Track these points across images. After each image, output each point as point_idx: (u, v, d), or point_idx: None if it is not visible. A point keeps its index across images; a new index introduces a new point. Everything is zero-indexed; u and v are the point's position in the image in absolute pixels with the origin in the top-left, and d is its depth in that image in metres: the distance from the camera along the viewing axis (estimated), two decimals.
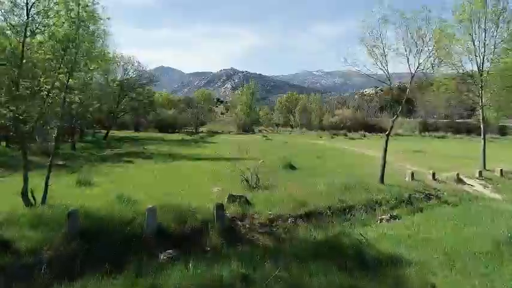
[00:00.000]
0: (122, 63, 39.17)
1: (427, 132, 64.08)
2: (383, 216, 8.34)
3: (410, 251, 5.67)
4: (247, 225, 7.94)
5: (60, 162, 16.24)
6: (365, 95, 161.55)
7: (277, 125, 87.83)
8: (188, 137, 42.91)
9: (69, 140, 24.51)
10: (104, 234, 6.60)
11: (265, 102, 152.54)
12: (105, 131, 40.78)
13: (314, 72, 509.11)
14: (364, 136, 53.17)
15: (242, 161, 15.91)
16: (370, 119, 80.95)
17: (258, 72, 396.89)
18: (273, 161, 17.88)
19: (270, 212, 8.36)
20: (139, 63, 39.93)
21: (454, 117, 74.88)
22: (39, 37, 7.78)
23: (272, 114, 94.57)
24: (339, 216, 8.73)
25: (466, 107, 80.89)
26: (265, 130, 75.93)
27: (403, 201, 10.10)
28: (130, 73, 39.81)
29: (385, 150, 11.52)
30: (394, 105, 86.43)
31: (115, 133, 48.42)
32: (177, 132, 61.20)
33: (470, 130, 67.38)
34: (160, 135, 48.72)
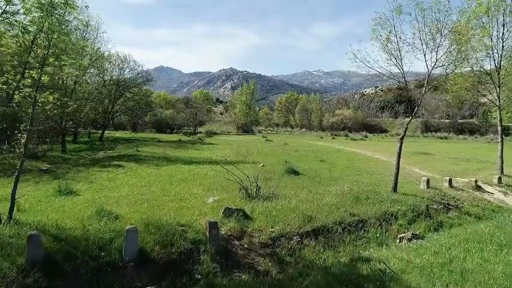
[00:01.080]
0: (117, 62, 37.98)
1: (429, 133, 63.03)
2: (403, 235, 7.23)
3: None
4: (245, 246, 6.83)
5: (44, 167, 15.11)
6: (365, 94, 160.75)
7: (277, 125, 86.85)
8: (186, 138, 41.78)
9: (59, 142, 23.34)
10: (74, 262, 5.47)
11: (265, 102, 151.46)
12: (105, 132, 39.59)
13: (313, 72, 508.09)
14: (366, 137, 52.16)
15: (241, 165, 14.82)
16: (371, 119, 79.97)
17: (257, 72, 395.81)
18: (274, 165, 16.79)
19: (272, 229, 7.25)
20: (135, 62, 38.81)
21: (456, 118, 73.97)
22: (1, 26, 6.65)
23: (272, 114, 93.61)
24: (350, 233, 7.61)
25: (467, 107, 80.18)
26: (265, 130, 74.91)
27: (421, 214, 8.99)
28: (126, 72, 38.65)
29: (399, 156, 10.41)
30: (396, 105, 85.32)
31: (112, 134, 47.32)
32: (175, 132, 60.12)
33: (473, 130, 66.44)
34: (157, 135, 47.58)
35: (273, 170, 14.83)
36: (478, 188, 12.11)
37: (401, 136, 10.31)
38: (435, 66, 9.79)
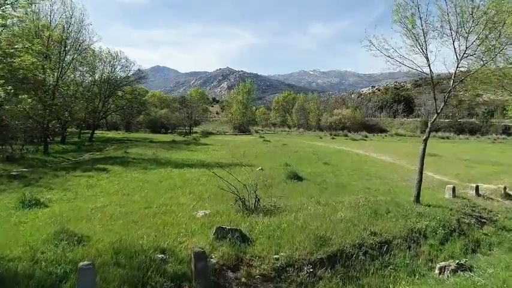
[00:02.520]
0: (108, 59, 36.29)
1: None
2: (444, 264, 5.70)
3: None
4: (242, 280, 5.31)
5: (14, 172, 13.47)
6: (362, 94, 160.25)
7: (274, 125, 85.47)
8: (180, 138, 40.22)
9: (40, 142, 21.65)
10: None
11: (262, 102, 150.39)
12: (98, 132, 37.84)
13: (310, 72, 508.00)
14: (366, 137, 50.82)
15: (237, 169, 13.30)
16: (369, 119, 78.76)
17: (254, 72, 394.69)
18: (273, 168, 15.30)
19: (276, 256, 5.73)
20: (127, 59, 37.11)
21: (455, 117, 72.86)
22: None
23: (269, 114, 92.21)
24: (373, 258, 6.11)
25: (466, 106, 79.09)
26: (262, 130, 73.46)
27: (453, 230, 7.51)
28: (117, 70, 36.94)
29: (423, 161, 8.88)
30: (394, 105, 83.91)
31: (104, 134, 45.57)
32: (170, 132, 58.51)
33: (473, 130, 65.28)
34: (151, 136, 45.99)
35: (273, 175, 13.34)
36: (508, 196, 10.66)
37: (425, 137, 8.78)
38: (464, 55, 8.33)
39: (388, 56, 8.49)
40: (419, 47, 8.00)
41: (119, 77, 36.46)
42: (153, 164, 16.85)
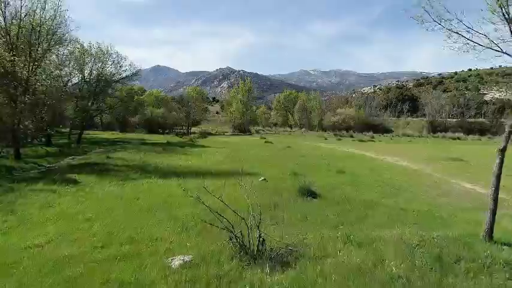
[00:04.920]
0: (98, 55, 33.65)
1: (438, 133, 59.09)
2: None
3: None
4: None
5: None
6: (364, 93, 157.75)
7: (275, 124, 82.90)
8: (176, 139, 37.64)
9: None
10: None
11: (262, 102, 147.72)
12: (91, 133, 35.24)
13: (311, 72, 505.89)
14: (373, 138, 48.10)
15: (234, 179, 10.72)
16: (373, 119, 76.09)
17: (254, 71, 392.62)
18: (279, 178, 12.72)
19: None
20: (118, 53, 34.45)
21: (464, 117, 70.21)
22: None
23: (270, 113, 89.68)
24: None
25: (474, 106, 76.47)
26: (263, 130, 70.86)
27: None
28: (108, 65, 34.25)
29: (499, 180, 6.26)
30: (399, 104, 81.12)
31: (98, 135, 43.06)
32: (167, 133, 56.01)
33: (483, 130, 62.53)
34: (146, 136, 43.47)
35: (279, 188, 10.76)
36: None
37: (502, 146, 6.14)
38: None
39: (450, 30, 5.88)
40: (499, 12, 5.36)
41: (109, 73, 33.80)
42: (137, 172, 14.27)
